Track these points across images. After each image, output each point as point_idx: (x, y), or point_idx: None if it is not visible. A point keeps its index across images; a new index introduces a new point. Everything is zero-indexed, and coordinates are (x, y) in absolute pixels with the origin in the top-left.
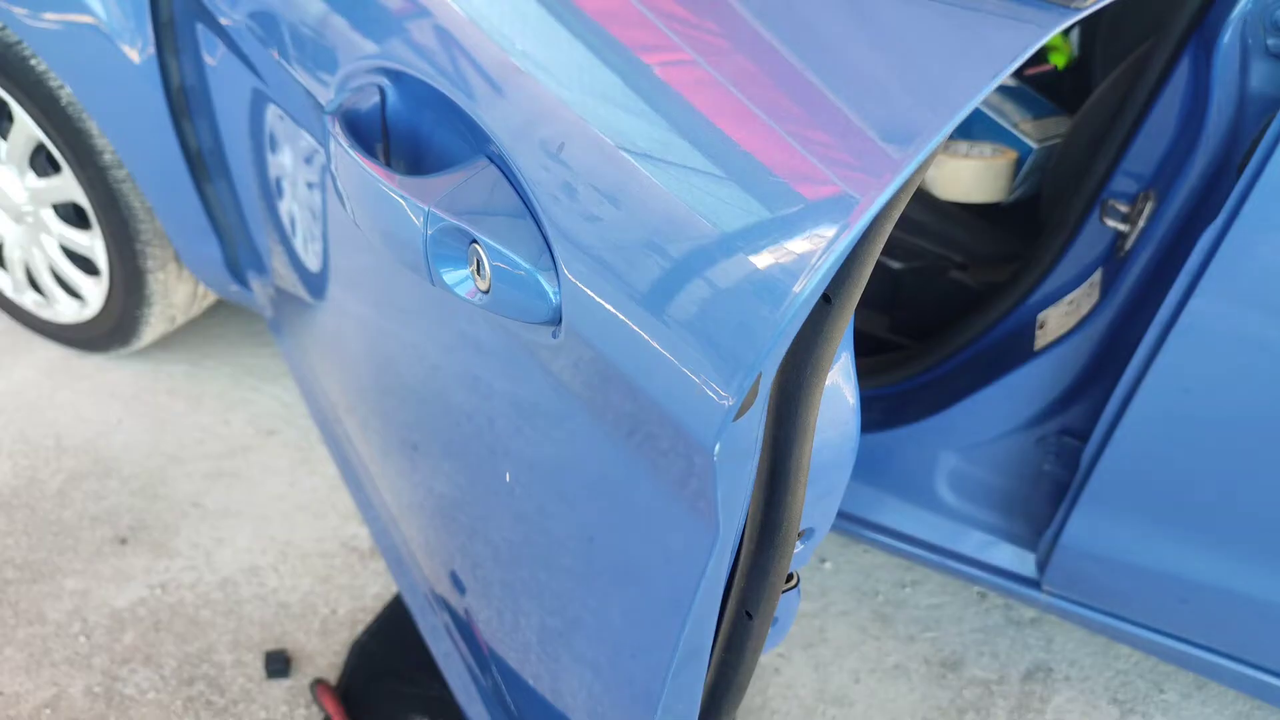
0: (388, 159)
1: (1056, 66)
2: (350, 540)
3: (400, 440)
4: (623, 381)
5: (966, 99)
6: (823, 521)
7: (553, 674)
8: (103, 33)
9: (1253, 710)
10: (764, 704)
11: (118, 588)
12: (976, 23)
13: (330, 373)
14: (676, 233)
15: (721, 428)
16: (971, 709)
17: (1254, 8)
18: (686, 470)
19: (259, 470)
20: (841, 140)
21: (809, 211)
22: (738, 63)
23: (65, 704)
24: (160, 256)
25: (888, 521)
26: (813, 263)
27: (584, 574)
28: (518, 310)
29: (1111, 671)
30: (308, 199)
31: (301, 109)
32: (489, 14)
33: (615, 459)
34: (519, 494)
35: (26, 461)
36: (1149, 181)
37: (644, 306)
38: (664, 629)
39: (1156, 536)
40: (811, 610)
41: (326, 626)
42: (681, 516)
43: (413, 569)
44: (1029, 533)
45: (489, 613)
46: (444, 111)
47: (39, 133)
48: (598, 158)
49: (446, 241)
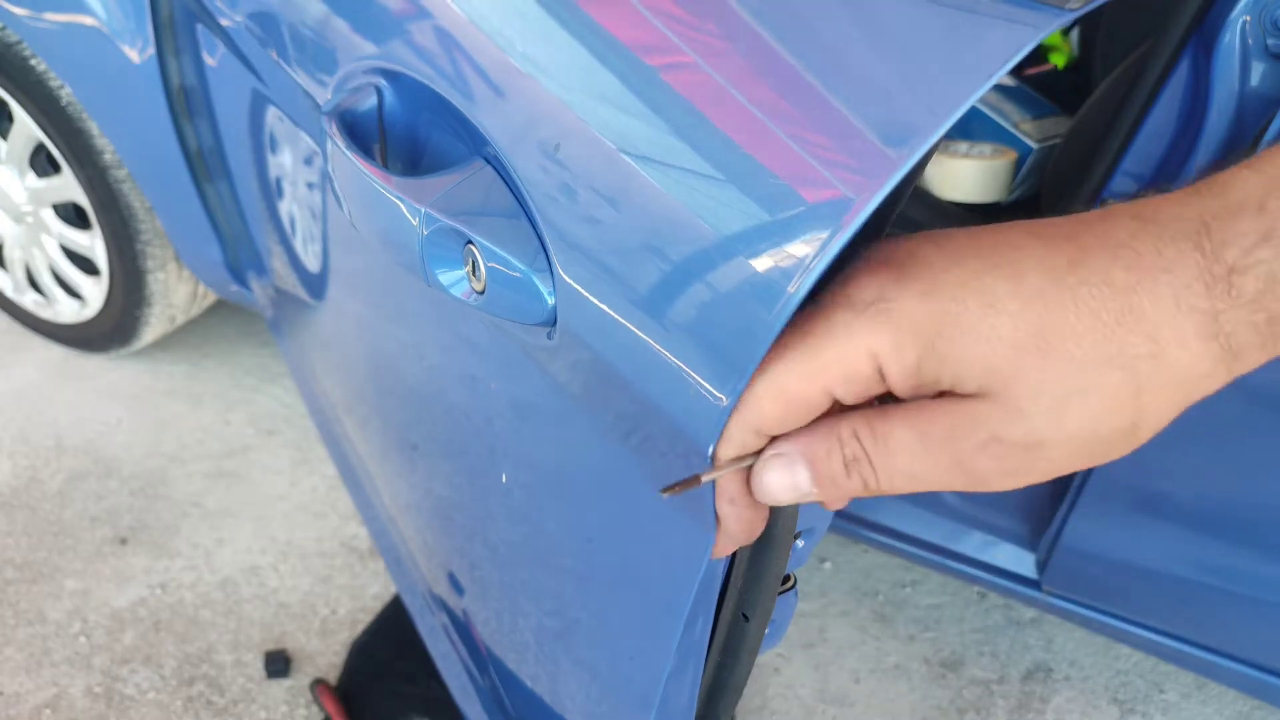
0: (384, 160)
1: (1056, 66)
2: (350, 540)
3: (399, 440)
4: (619, 382)
5: (962, 99)
6: (820, 522)
7: (550, 674)
8: (103, 33)
9: (1253, 710)
10: (764, 704)
11: (118, 588)
12: (971, 23)
13: (330, 373)
14: (671, 234)
15: (717, 428)
16: (971, 709)
17: (1254, 8)
18: (683, 471)
19: (259, 470)
20: (836, 140)
21: (804, 212)
22: (733, 63)
23: (65, 704)
24: (160, 256)
25: (888, 521)
26: (807, 264)
27: (581, 575)
28: (513, 311)
29: (1111, 671)
30: (307, 199)
31: (300, 109)
32: (487, 14)
33: (612, 460)
34: (516, 495)
35: (26, 461)
36: (1149, 181)
37: (639, 307)
38: (661, 630)
39: (1157, 536)
40: (811, 610)
41: (326, 626)
42: (678, 518)
43: (411, 569)
44: (1029, 533)
45: (487, 613)
46: (441, 112)
47: (39, 133)
48: (594, 159)
49: (442, 242)
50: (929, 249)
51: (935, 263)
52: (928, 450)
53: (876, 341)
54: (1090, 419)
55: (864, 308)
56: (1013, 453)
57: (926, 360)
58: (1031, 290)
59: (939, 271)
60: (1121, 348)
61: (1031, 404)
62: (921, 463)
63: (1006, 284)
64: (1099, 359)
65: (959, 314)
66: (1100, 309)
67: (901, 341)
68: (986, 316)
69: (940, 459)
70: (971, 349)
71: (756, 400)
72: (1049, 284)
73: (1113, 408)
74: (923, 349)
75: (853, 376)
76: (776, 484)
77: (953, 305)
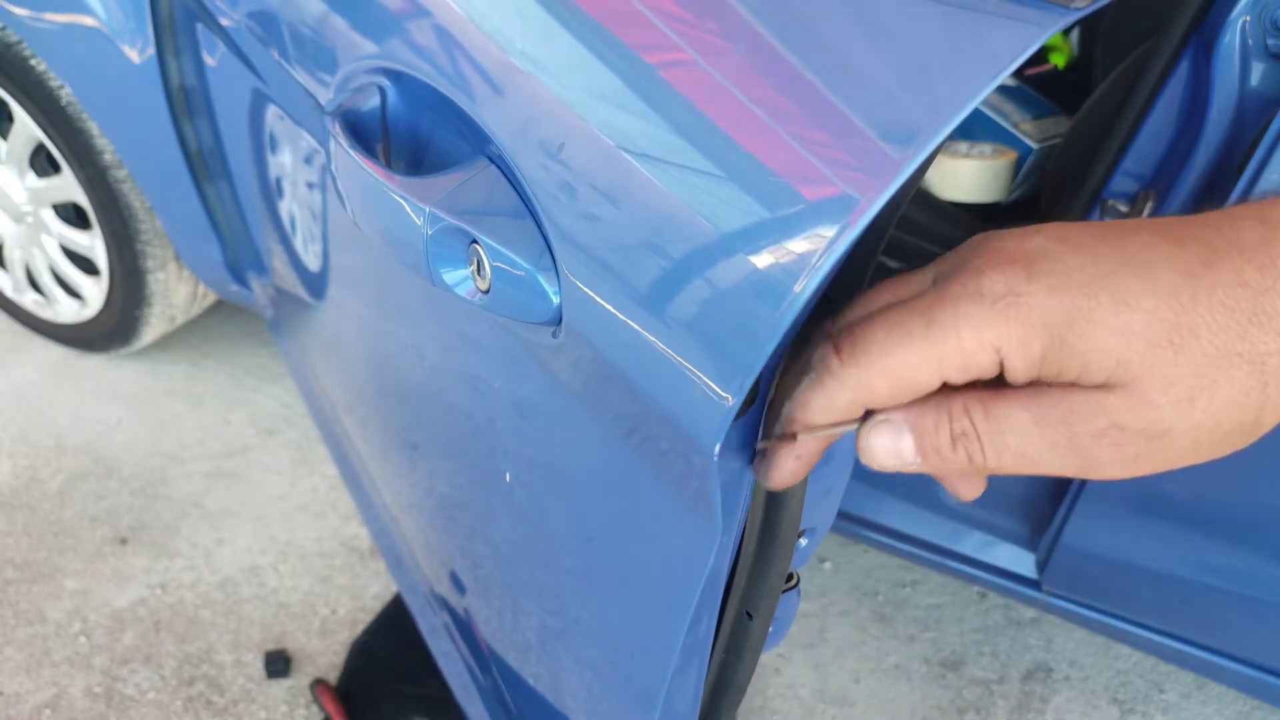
0: (388, 159)
1: (1056, 66)
2: (350, 540)
3: (400, 440)
4: (623, 382)
5: (966, 99)
6: (823, 522)
7: (553, 674)
8: (103, 33)
9: (1253, 710)
10: (764, 704)
11: (118, 588)
12: (976, 23)
13: (330, 372)
14: (676, 233)
15: (721, 428)
16: (971, 709)
17: (1254, 8)
18: (686, 470)
19: (259, 470)
20: (841, 140)
21: (809, 212)
22: (737, 62)
23: (65, 704)
24: (160, 256)
25: (888, 521)
26: (813, 263)
27: (584, 574)
28: (518, 310)
29: (1111, 671)
30: (308, 199)
31: (301, 109)
32: (489, 14)
33: (615, 459)
34: (519, 494)
35: (26, 461)
36: (1149, 181)
37: (644, 306)
38: (664, 629)
39: (1157, 536)
40: (811, 610)
41: (326, 626)
42: (682, 517)
43: (413, 569)
44: (1029, 533)
45: (489, 612)
46: (444, 112)
47: (39, 133)
48: (598, 158)
49: (446, 241)
50: (1058, 246)
51: (1066, 259)
52: (1042, 432)
53: (1003, 334)
54: (1216, 411)
55: (993, 301)
56: (1134, 440)
57: (1053, 353)
58: (1166, 288)
59: (1072, 269)
60: (1253, 345)
61: (1161, 395)
62: (1034, 444)
63: (1139, 281)
64: (1230, 354)
65: (1092, 309)
66: (1235, 308)
67: (1029, 335)
68: (1120, 312)
69: (1055, 441)
70: (1103, 343)
71: (870, 378)
72: (1183, 283)
73: (1240, 402)
74: (1049, 342)
75: (972, 366)
76: (881, 449)
77: (1085, 301)
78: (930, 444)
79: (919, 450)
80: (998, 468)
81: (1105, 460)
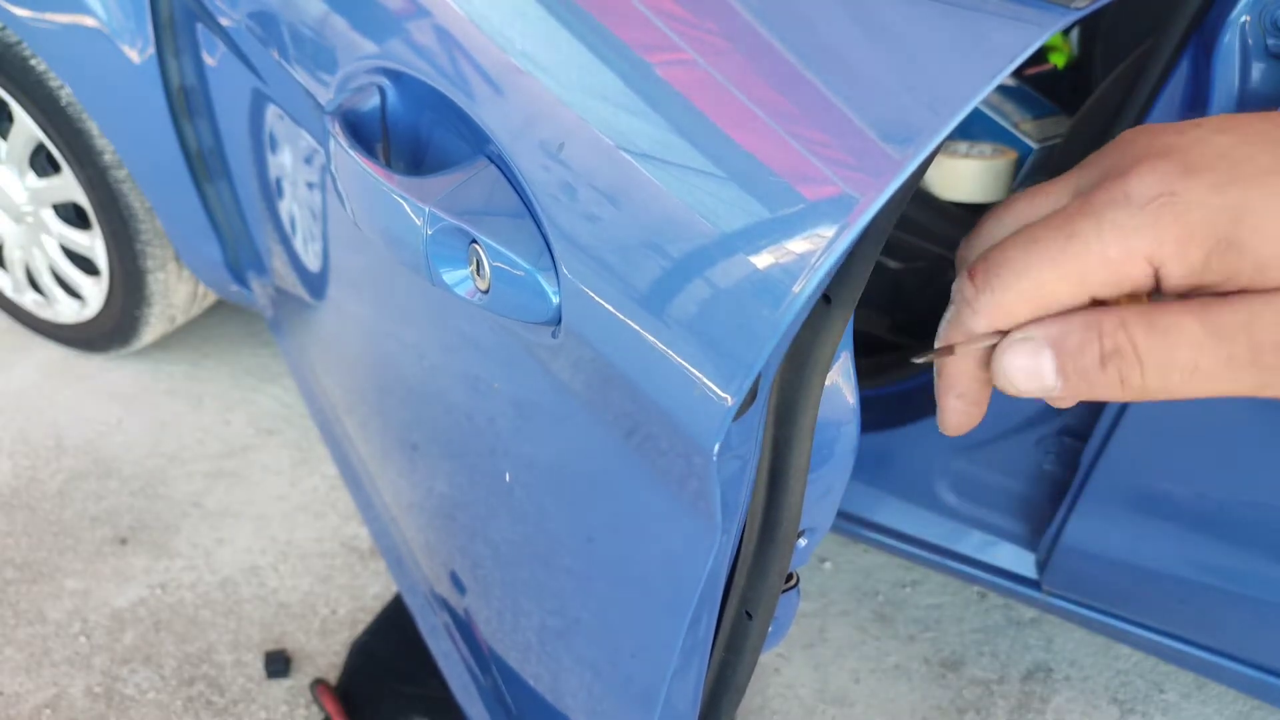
0: (388, 159)
1: (1056, 66)
2: (350, 540)
3: (400, 440)
4: (622, 381)
5: (966, 99)
6: (823, 521)
7: (553, 674)
8: (103, 33)
9: (1253, 710)
10: (764, 704)
11: (118, 588)
12: (976, 22)
13: (330, 372)
14: (676, 233)
15: (721, 428)
16: (971, 709)
17: (1254, 8)
18: (686, 470)
19: (259, 470)
20: (841, 140)
21: (808, 211)
22: (737, 62)
23: (65, 704)
24: (160, 256)
25: (888, 521)
26: (812, 263)
27: (584, 574)
28: (517, 310)
29: (1111, 671)
30: (308, 199)
31: (301, 109)
32: (489, 14)
33: (615, 459)
34: (518, 494)
35: (26, 461)
36: None
37: (644, 306)
38: (664, 629)
39: (1157, 536)
40: (811, 610)
41: (326, 626)
42: (681, 516)
43: (413, 569)
44: (1029, 533)
45: (489, 612)
46: (444, 111)
47: (39, 133)
48: (597, 158)
49: (446, 241)
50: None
51: (1230, 151)
52: (1220, 342)
53: (1157, 240)
54: None
55: (1145, 203)
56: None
57: (1219, 256)
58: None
59: (1241, 160)
60: None
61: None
62: (1209, 356)
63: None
64: None
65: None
66: None
67: (1190, 238)
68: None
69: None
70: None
71: (1007, 303)
72: None
73: None
74: (1214, 244)
75: (1122, 279)
76: (1018, 369)
77: (1258, 193)
78: (1075, 365)
79: (1060, 371)
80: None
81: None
